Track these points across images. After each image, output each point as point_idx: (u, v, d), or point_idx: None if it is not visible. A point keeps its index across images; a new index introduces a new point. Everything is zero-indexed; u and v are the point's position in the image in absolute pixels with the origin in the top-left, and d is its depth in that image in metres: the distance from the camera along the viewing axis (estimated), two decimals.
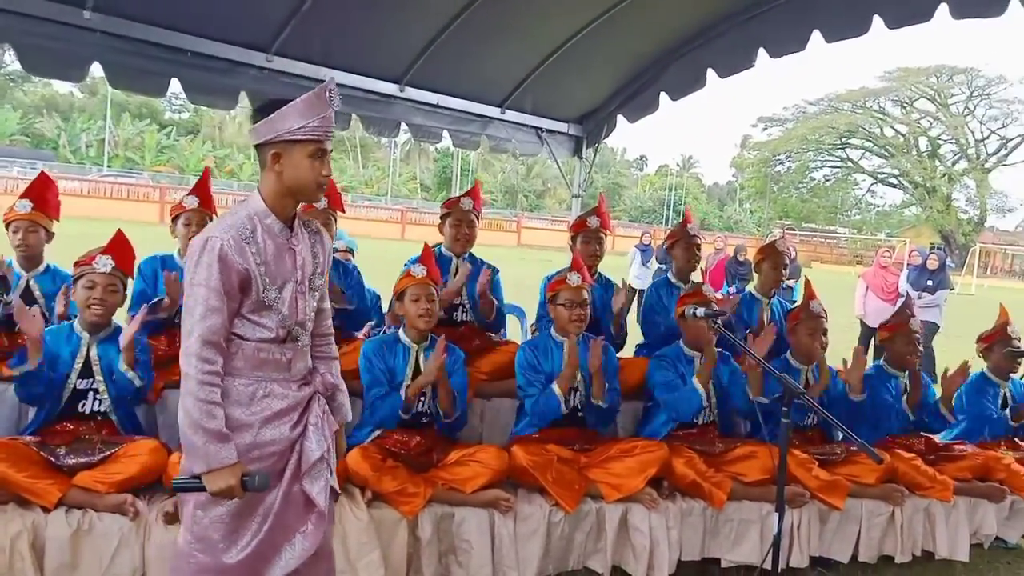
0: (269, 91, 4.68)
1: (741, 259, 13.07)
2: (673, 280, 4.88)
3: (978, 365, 4.92)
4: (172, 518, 3.13)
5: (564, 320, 3.99)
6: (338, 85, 2.41)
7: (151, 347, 3.71)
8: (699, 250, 4.89)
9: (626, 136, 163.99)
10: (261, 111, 2.33)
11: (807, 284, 4.50)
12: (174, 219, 4.23)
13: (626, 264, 13.98)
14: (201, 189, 4.29)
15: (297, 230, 2.45)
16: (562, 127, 6.53)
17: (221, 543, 2.34)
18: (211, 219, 4.23)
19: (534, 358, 4.01)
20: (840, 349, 4.43)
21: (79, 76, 4.19)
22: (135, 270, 3.87)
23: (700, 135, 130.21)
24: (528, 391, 3.95)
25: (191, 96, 4.62)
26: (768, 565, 3.21)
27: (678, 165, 77.24)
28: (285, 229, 2.41)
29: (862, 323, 10.89)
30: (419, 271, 3.72)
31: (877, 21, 4.65)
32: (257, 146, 2.36)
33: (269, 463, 2.38)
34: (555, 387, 3.86)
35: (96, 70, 4.14)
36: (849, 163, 54.03)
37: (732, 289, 12.16)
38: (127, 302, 3.77)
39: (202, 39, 4.37)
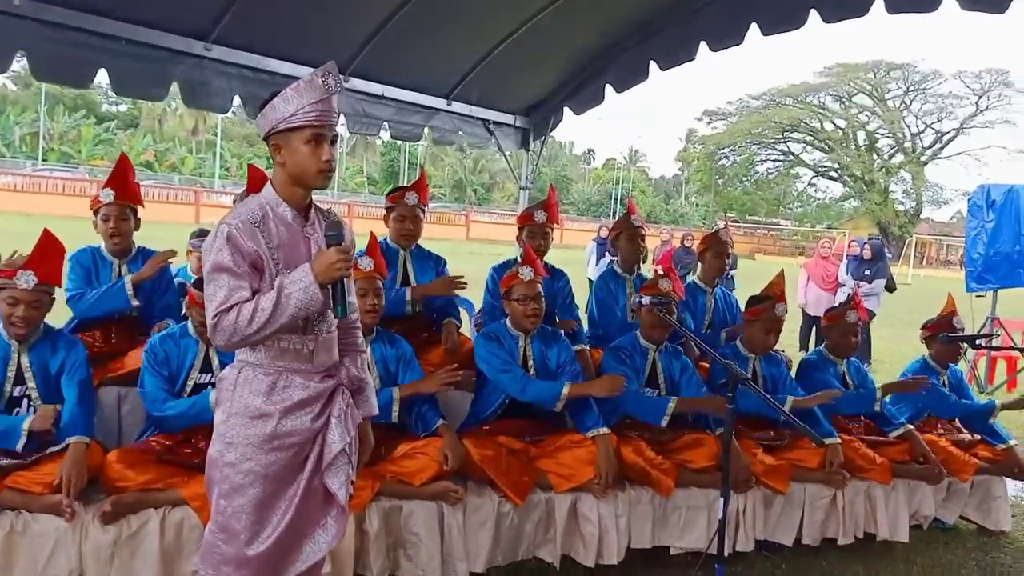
0: (205, 81, 4.56)
1: (688, 245, 13.22)
2: (619, 271, 4.92)
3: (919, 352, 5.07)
4: (109, 518, 3.05)
5: (519, 315, 3.95)
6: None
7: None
8: (643, 241, 4.92)
9: (574, 130, 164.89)
10: (262, 107, 2.34)
11: (780, 284, 4.47)
12: (95, 213, 4.01)
13: (583, 258, 14.01)
14: (117, 179, 3.98)
15: (314, 219, 2.44)
16: (509, 119, 6.51)
17: (243, 534, 2.34)
18: (132, 210, 4.04)
19: (495, 344, 3.95)
20: (782, 336, 4.52)
21: (1, 67, 3.99)
22: (70, 262, 3.70)
23: (646, 129, 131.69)
24: (501, 368, 3.87)
25: (118, 88, 4.37)
26: (714, 550, 3.26)
27: (625, 159, 77.88)
28: (299, 217, 2.40)
29: (803, 312, 11.16)
30: (366, 264, 3.65)
31: (814, 15, 4.73)
32: (265, 141, 2.38)
33: (290, 454, 2.36)
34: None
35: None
36: (791, 157, 55.03)
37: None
38: (69, 289, 3.65)
39: (138, 27, 4.18)
